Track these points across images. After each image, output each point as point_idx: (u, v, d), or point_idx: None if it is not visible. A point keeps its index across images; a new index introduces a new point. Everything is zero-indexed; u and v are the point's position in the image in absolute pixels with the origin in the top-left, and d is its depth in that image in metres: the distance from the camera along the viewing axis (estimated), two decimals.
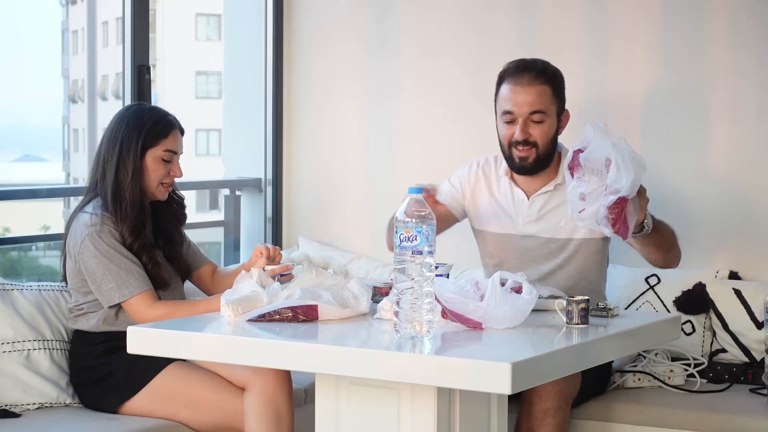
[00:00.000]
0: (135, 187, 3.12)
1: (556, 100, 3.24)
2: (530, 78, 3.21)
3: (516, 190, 3.35)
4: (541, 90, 3.21)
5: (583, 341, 2.48)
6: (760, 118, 3.75)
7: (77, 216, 3.14)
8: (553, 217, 3.30)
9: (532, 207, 3.32)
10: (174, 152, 3.20)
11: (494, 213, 3.38)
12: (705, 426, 3.17)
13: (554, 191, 3.30)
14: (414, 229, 2.35)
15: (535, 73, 3.22)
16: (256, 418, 2.95)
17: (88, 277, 3.09)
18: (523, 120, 3.21)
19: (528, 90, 3.21)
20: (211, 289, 3.35)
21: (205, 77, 26.58)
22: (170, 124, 3.20)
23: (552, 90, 3.23)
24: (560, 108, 3.27)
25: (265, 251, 3.10)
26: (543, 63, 3.28)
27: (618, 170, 2.83)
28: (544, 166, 3.28)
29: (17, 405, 3.11)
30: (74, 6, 28.34)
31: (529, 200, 3.32)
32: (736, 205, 3.78)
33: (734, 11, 3.77)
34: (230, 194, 4.54)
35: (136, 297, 3.05)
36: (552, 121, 3.24)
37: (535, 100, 3.21)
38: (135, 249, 3.10)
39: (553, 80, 3.24)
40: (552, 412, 2.96)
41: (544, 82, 3.22)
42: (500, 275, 2.55)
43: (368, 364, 2.32)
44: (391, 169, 4.33)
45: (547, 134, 3.23)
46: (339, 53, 4.42)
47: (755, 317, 3.53)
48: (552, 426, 2.96)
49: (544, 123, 3.22)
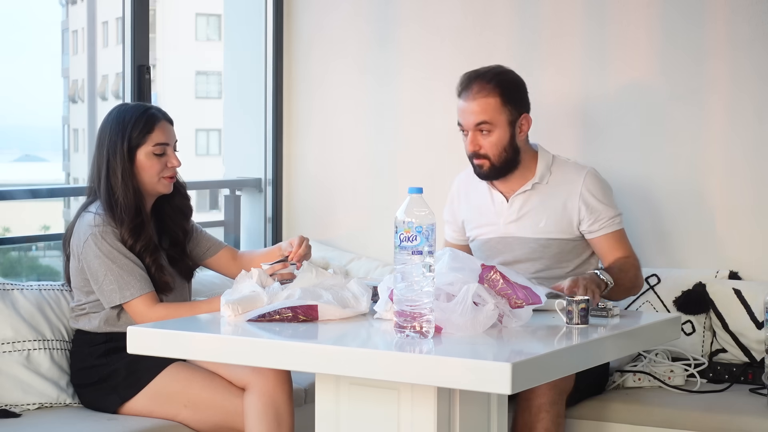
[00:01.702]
0: (127, 191, 3.11)
1: (506, 109, 3.24)
2: (476, 90, 3.23)
3: (495, 192, 3.38)
4: (485, 102, 3.22)
5: (583, 341, 2.49)
6: (760, 118, 3.75)
7: (81, 216, 3.13)
8: (533, 216, 3.32)
9: (512, 207, 3.34)
10: (165, 144, 3.17)
11: (478, 219, 3.42)
12: (705, 426, 3.17)
13: (532, 190, 3.33)
14: (414, 229, 2.35)
15: (480, 84, 3.23)
16: (256, 418, 2.95)
17: (90, 277, 3.09)
18: (471, 133, 3.25)
19: (472, 103, 3.24)
20: (236, 272, 3.27)
21: (205, 77, 26.58)
22: (153, 118, 3.17)
23: (501, 99, 3.23)
24: (514, 115, 3.26)
25: (296, 240, 3.10)
26: (493, 72, 3.28)
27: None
28: (506, 171, 3.30)
29: (17, 405, 3.11)
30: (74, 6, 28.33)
31: (508, 201, 3.35)
32: (736, 205, 3.78)
33: (733, 12, 3.77)
34: (230, 194, 4.54)
35: (138, 299, 3.05)
36: (502, 130, 3.24)
37: (479, 113, 3.23)
38: (138, 250, 3.09)
39: (503, 88, 3.24)
40: (546, 407, 2.98)
41: (489, 92, 3.23)
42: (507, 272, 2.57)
43: (368, 364, 2.32)
44: (391, 169, 4.33)
45: (496, 144, 3.24)
46: (339, 53, 4.42)
47: (755, 317, 3.53)
48: (547, 420, 2.98)
49: (491, 134, 3.24)
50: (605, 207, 3.30)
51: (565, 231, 3.32)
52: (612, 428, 3.27)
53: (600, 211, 3.29)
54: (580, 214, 3.30)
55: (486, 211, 3.39)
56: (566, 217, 3.31)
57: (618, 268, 3.19)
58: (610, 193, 3.35)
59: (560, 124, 4.01)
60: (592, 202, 3.29)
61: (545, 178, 3.33)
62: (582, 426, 3.30)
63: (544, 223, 3.31)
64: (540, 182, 3.32)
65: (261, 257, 3.23)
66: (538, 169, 3.32)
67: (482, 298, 2.49)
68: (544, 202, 3.32)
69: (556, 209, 3.31)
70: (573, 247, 3.34)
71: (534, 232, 3.32)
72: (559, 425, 3.01)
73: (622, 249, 3.30)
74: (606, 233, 3.30)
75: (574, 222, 3.31)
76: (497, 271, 2.56)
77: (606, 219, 3.29)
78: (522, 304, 2.54)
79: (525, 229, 3.33)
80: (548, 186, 3.33)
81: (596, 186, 3.31)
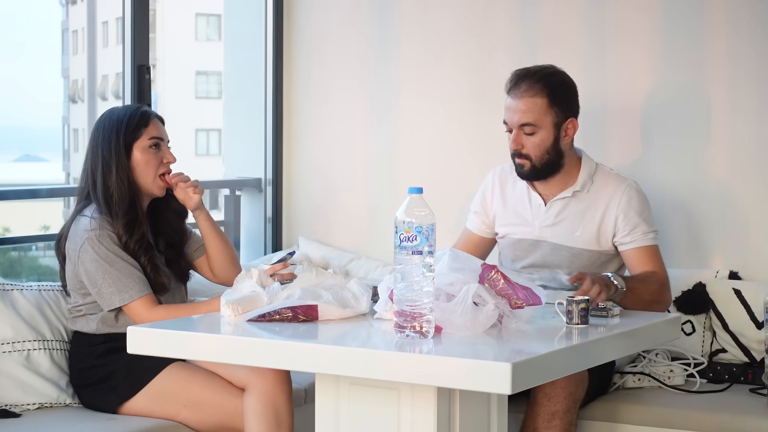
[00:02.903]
0: (122, 184, 3.11)
1: (552, 111, 3.20)
2: (524, 89, 3.19)
3: (533, 194, 3.34)
4: (532, 102, 3.18)
5: (583, 341, 2.48)
6: (761, 118, 3.75)
7: (76, 220, 3.13)
8: (570, 224, 3.29)
9: (549, 212, 3.31)
10: (160, 138, 3.18)
11: (512, 218, 3.37)
12: (705, 426, 3.17)
13: (572, 198, 3.29)
14: (414, 229, 2.35)
15: (529, 84, 3.19)
16: (256, 418, 2.95)
17: (88, 281, 3.09)
18: (515, 131, 3.21)
19: (518, 102, 3.19)
20: (211, 277, 3.35)
21: (205, 77, 26.59)
22: (146, 114, 3.19)
23: (548, 101, 3.19)
24: (560, 118, 3.22)
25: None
26: (542, 72, 3.23)
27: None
28: (546, 174, 3.26)
29: (17, 405, 3.11)
30: (74, 6, 28.34)
31: (546, 205, 3.32)
32: (737, 205, 3.78)
33: (735, 11, 3.77)
34: (230, 194, 4.54)
35: (137, 301, 3.05)
36: (546, 132, 3.20)
37: (524, 113, 3.19)
38: (132, 248, 3.09)
39: (551, 90, 3.20)
40: (560, 414, 2.95)
41: (536, 93, 3.18)
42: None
43: (368, 364, 2.32)
44: (392, 169, 4.33)
45: (539, 146, 3.21)
46: (339, 53, 4.42)
47: (755, 317, 3.53)
48: (559, 428, 2.95)
49: (535, 135, 3.20)
50: (642, 221, 3.25)
51: (600, 243, 3.28)
52: (612, 428, 3.27)
53: (636, 224, 3.24)
54: (616, 225, 3.25)
55: (522, 210, 3.36)
56: (603, 229, 3.27)
57: (639, 279, 3.15)
58: (648, 208, 3.30)
59: None
60: (630, 214, 3.24)
61: (586, 187, 3.29)
62: (582, 426, 3.30)
63: (580, 232, 3.28)
64: (581, 190, 3.28)
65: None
66: (580, 176, 3.28)
67: (482, 299, 2.49)
68: (582, 211, 3.28)
69: (594, 220, 3.27)
70: (604, 261, 3.31)
71: (568, 240, 3.29)
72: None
73: (651, 264, 3.24)
74: (638, 246, 3.24)
75: (609, 234, 3.26)
76: (498, 271, 2.55)
77: (641, 233, 3.24)
78: (522, 305, 2.54)
79: (560, 236, 3.30)
80: (588, 195, 3.29)
81: (636, 199, 3.26)
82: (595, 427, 3.29)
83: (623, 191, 3.27)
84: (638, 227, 3.25)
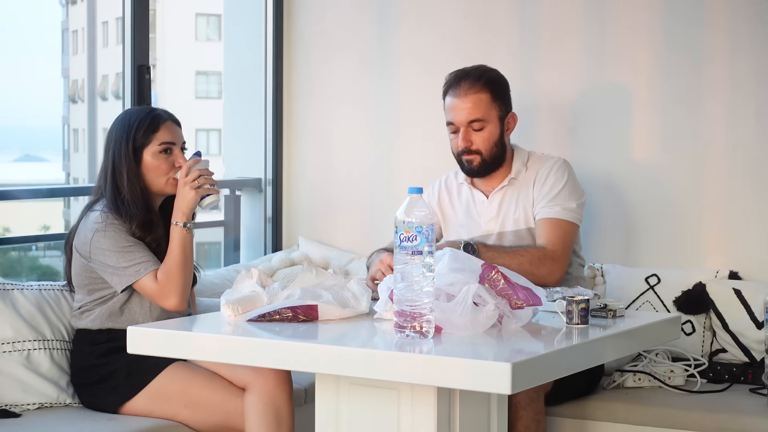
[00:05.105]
0: (134, 190, 3.11)
1: (496, 105, 3.32)
2: (466, 87, 3.30)
3: (476, 192, 3.44)
4: (477, 98, 3.30)
5: (583, 341, 2.48)
6: (760, 119, 3.75)
7: (86, 215, 3.14)
8: (509, 210, 3.37)
9: (492, 204, 3.40)
10: (171, 143, 3.18)
11: (461, 221, 3.45)
12: (705, 426, 3.17)
13: (509, 186, 3.38)
14: (414, 229, 2.35)
15: (470, 82, 3.30)
16: (256, 418, 2.95)
17: (99, 267, 3.07)
18: (463, 129, 3.31)
19: (464, 100, 3.30)
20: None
21: (205, 77, 26.57)
22: (158, 118, 3.17)
23: (490, 96, 3.31)
24: (503, 112, 3.34)
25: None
26: (480, 70, 3.35)
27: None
28: (493, 168, 3.37)
29: (17, 405, 3.11)
30: (74, 6, 28.32)
31: (488, 199, 3.40)
32: (736, 205, 3.78)
33: (734, 12, 3.77)
34: (230, 194, 4.54)
35: (150, 274, 3.04)
36: (493, 126, 3.32)
37: (471, 109, 3.30)
38: (147, 242, 3.10)
39: (492, 86, 3.32)
40: (523, 405, 3.00)
41: (480, 89, 3.30)
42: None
43: (368, 364, 2.32)
44: (392, 169, 4.33)
45: (488, 140, 3.32)
46: (339, 53, 4.42)
47: (755, 317, 3.52)
48: (526, 418, 3.00)
49: (483, 130, 3.31)
50: (554, 194, 3.30)
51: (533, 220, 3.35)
52: (612, 428, 3.27)
53: (545, 196, 3.31)
54: (534, 198, 3.33)
55: (468, 211, 3.45)
56: (528, 205, 3.35)
57: (512, 249, 3.19)
58: (568, 182, 3.33)
59: (559, 126, 4.01)
60: (544, 187, 3.32)
61: (521, 174, 3.38)
62: (582, 426, 3.30)
63: (519, 214, 3.36)
64: (516, 177, 3.38)
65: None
66: (514, 165, 3.39)
67: (482, 299, 2.49)
68: (518, 195, 3.37)
69: (528, 198, 3.35)
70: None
71: (511, 225, 3.37)
72: (539, 422, 3.03)
73: (545, 236, 3.25)
74: (541, 218, 3.30)
75: (531, 209, 3.34)
76: (498, 271, 2.56)
77: (546, 205, 3.29)
78: (522, 305, 2.54)
79: (503, 223, 3.38)
80: (522, 179, 3.38)
81: (555, 173, 3.33)
82: (594, 427, 3.29)
83: (548, 167, 3.35)
84: (546, 199, 3.30)
